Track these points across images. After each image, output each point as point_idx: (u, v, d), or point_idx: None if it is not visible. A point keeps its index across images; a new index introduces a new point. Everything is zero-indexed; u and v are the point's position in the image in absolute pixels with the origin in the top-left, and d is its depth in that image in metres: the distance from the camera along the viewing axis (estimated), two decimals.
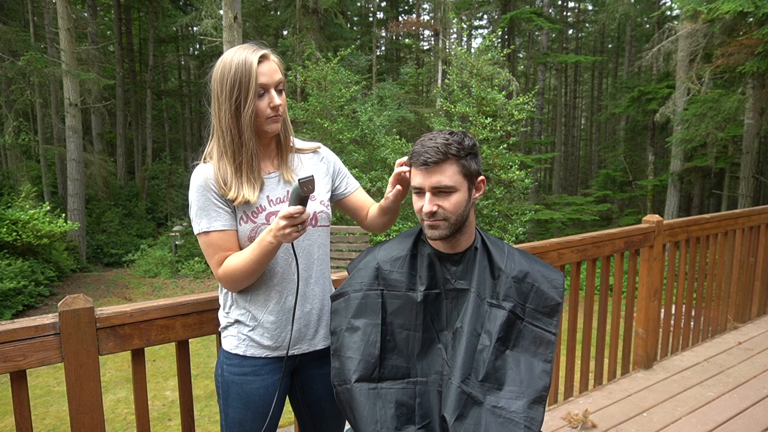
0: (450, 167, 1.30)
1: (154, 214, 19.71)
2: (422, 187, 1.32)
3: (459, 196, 1.32)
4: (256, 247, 1.34)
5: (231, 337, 1.46)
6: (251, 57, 1.33)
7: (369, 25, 23.91)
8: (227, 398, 1.46)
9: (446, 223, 1.32)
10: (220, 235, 1.38)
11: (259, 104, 1.36)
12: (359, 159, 11.51)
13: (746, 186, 11.68)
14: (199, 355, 7.31)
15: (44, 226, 10.81)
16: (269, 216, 1.42)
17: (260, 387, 1.44)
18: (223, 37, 10.21)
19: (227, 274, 1.38)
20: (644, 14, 20.54)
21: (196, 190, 1.38)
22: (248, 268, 1.36)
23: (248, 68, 1.32)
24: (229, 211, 1.39)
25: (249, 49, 1.35)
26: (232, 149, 1.37)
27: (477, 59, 10.98)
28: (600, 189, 18.26)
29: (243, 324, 1.45)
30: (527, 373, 1.30)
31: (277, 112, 1.38)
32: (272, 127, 1.40)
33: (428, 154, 1.29)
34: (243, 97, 1.33)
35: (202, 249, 1.41)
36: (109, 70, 20.66)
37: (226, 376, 1.45)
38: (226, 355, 1.47)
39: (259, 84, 1.34)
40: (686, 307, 3.49)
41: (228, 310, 1.48)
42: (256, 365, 1.44)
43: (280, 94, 1.39)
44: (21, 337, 1.40)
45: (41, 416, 5.69)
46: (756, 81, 11.02)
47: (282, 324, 1.45)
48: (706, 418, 2.63)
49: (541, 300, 1.36)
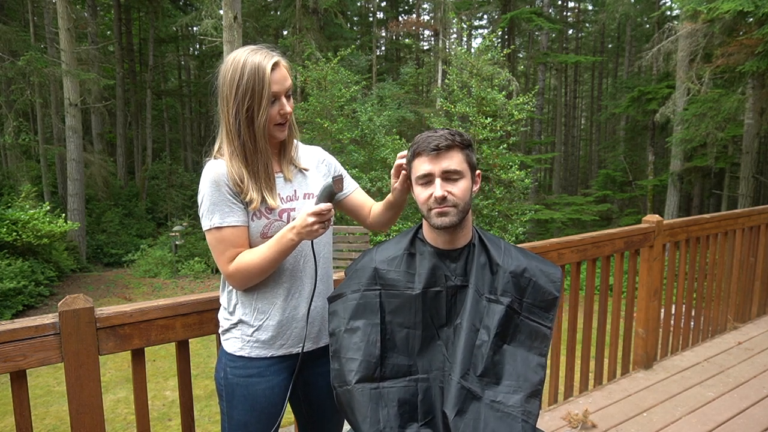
0: (457, 154, 1.35)
1: (154, 214, 19.69)
2: (432, 173, 1.34)
3: (466, 183, 1.36)
4: (275, 244, 1.35)
5: (234, 339, 1.45)
6: (265, 64, 1.31)
7: (369, 25, 23.92)
8: (232, 400, 1.45)
9: (455, 209, 1.34)
10: (233, 231, 1.37)
11: (271, 111, 1.36)
12: (359, 159, 11.51)
13: (746, 186, 11.68)
14: (199, 355, 7.32)
15: (44, 226, 10.81)
16: (282, 213, 1.42)
17: (266, 388, 1.44)
18: (223, 37, 10.22)
19: (240, 271, 1.37)
20: (644, 14, 20.55)
21: (210, 185, 1.36)
22: (264, 265, 1.36)
23: (261, 76, 1.31)
24: (242, 207, 1.39)
25: (261, 54, 1.33)
26: (244, 154, 1.37)
27: (477, 59, 10.98)
28: (600, 189, 18.26)
29: (247, 324, 1.44)
30: (524, 368, 1.32)
31: (286, 118, 1.40)
32: (280, 134, 1.42)
33: (438, 140, 1.33)
34: (256, 105, 1.33)
35: (210, 245, 1.39)
36: (109, 70, 20.66)
37: (230, 378, 1.44)
38: (229, 358, 1.45)
39: (272, 92, 1.34)
40: (686, 307, 3.49)
41: (232, 310, 1.46)
42: (261, 366, 1.44)
43: (289, 99, 1.40)
44: (21, 337, 1.40)
45: (41, 416, 5.69)
46: (756, 81, 11.03)
47: (288, 322, 1.45)
48: (706, 418, 2.63)
49: (539, 294, 1.38)
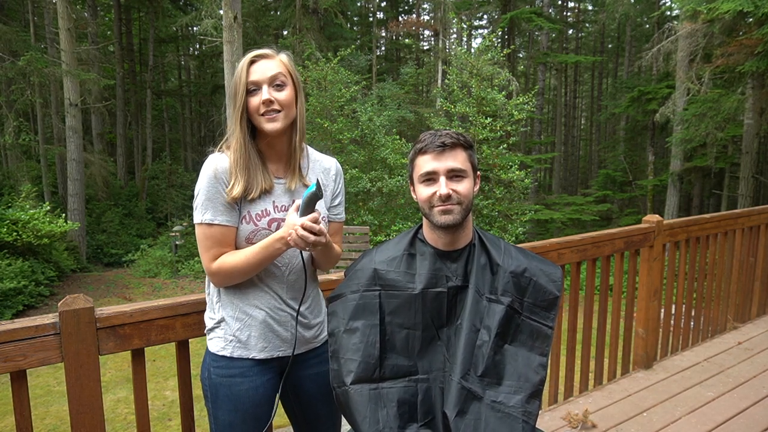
0: (461, 154, 1.37)
1: (154, 214, 19.68)
2: (436, 171, 1.35)
3: (469, 183, 1.37)
4: (261, 251, 1.35)
5: (217, 339, 1.45)
6: (245, 58, 1.39)
7: (369, 25, 23.91)
8: (216, 401, 1.44)
9: (459, 207, 1.35)
10: (222, 230, 1.37)
11: (251, 100, 1.38)
12: (359, 159, 11.50)
13: (746, 186, 11.68)
14: (199, 355, 7.23)
15: (44, 226, 10.81)
16: (272, 222, 1.41)
17: (249, 388, 1.43)
18: (223, 37, 10.22)
19: (222, 270, 1.37)
20: (644, 14, 20.55)
21: (207, 180, 1.37)
22: (247, 269, 1.37)
23: (240, 68, 1.38)
24: (236, 208, 1.39)
25: (250, 53, 1.40)
26: (237, 147, 1.40)
27: (477, 59, 10.98)
28: (600, 189, 18.25)
29: (229, 323, 1.43)
30: (525, 367, 1.32)
31: (269, 107, 1.37)
32: (268, 126, 1.38)
33: (444, 138, 1.34)
34: (240, 96, 1.37)
35: (198, 238, 1.39)
36: (109, 70, 20.65)
37: (213, 378, 1.44)
38: (212, 357, 1.45)
39: (250, 81, 1.37)
40: (686, 307, 3.49)
41: (215, 308, 1.46)
42: (244, 366, 1.43)
43: (279, 89, 1.38)
44: (21, 337, 1.40)
45: (41, 416, 5.69)
46: (756, 81, 11.02)
47: (270, 325, 1.43)
48: (705, 418, 2.63)
49: (540, 294, 1.37)
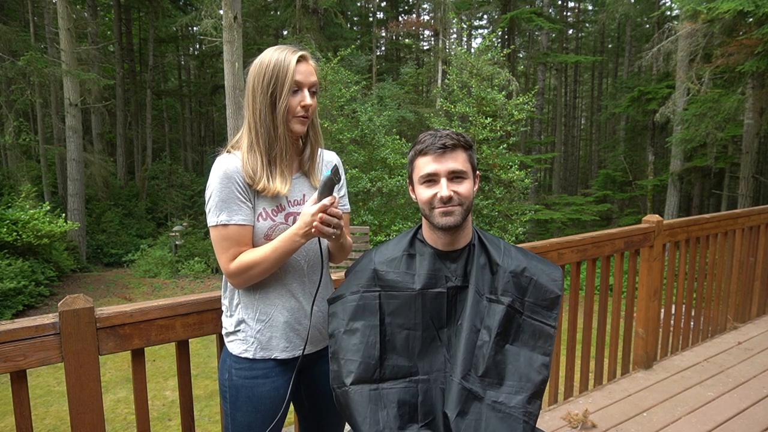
0: (461, 155, 1.36)
1: (154, 214, 19.68)
2: (437, 173, 1.34)
3: (469, 183, 1.37)
4: (281, 244, 1.35)
5: (238, 341, 1.45)
6: (291, 56, 1.38)
7: (369, 25, 23.90)
8: (236, 402, 1.45)
9: (460, 208, 1.35)
10: (239, 229, 1.37)
11: (292, 100, 1.38)
12: (359, 159, 11.49)
13: (746, 186, 11.68)
14: (199, 355, 7.31)
15: (44, 226, 10.81)
16: (288, 216, 1.42)
17: (270, 389, 1.44)
18: (223, 37, 10.23)
19: (241, 269, 1.37)
20: (644, 14, 20.54)
21: (219, 181, 1.36)
22: (267, 266, 1.36)
23: (286, 64, 1.36)
24: (250, 206, 1.39)
25: (289, 49, 1.40)
26: (266, 142, 1.39)
27: (477, 59, 10.99)
28: (600, 189, 18.25)
29: (250, 324, 1.43)
30: (526, 367, 1.31)
31: (307, 112, 1.40)
32: (298, 127, 1.41)
33: (445, 139, 1.33)
34: (279, 91, 1.36)
35: (214, 241, 1.38)
36: (109, 70, 20.66)
37: (234, 380, 1.45)
38: (234, 359, 1.45)
39: (295, 81, 1.37)
40: (686, 307, 3.49)
41: (235, 311, 1.46)
42: (266, 368, 1.44)
43: (313, 96, 1.41)
44: (21, 337, 1.40)
45: (41, 416, 5.69)
46: (756, 81, 11.02)
47: (291, 324, 1.45)
48: (705, 418, 2.63)
49: (541, 293, 1.37)
